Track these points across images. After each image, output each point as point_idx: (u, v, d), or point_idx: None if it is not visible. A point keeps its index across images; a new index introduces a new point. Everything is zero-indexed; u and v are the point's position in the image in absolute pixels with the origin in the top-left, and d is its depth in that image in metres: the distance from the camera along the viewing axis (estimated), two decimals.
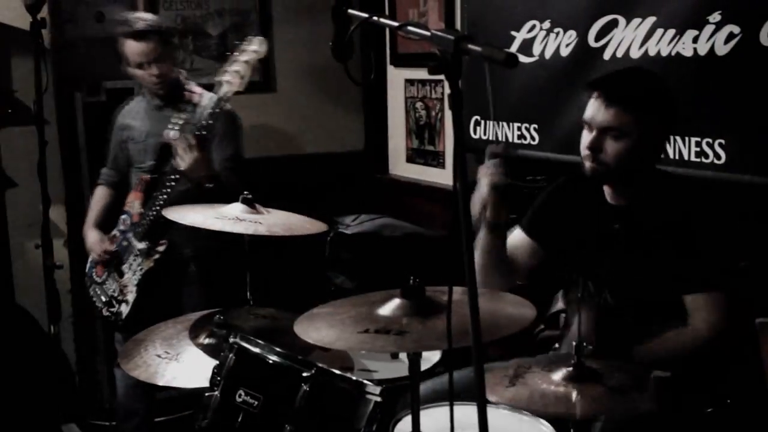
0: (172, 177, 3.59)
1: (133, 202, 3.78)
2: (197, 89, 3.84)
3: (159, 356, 2.83)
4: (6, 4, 4.23)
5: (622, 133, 2.52)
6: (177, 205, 3.43)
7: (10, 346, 3.91)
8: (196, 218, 2.92)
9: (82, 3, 4.50)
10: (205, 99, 3.69)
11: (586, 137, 2.58)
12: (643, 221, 2.61)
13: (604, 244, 2.68)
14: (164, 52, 3.75)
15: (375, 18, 2.00)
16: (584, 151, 2.59)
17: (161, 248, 3.71)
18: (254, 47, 3.50)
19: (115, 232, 3.85)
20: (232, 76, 3.48)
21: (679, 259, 2.54)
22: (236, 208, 3.00)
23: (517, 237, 2.96)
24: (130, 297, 3.73)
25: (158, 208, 3.60)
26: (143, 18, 3.77)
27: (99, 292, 3.85)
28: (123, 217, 3.82)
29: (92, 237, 3.90)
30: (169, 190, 3.61)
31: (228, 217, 2.93)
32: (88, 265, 3.96)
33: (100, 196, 4.01)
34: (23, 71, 4.20)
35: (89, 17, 4.52)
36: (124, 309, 3.74)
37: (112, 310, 3.79)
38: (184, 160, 3.51)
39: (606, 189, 2.70)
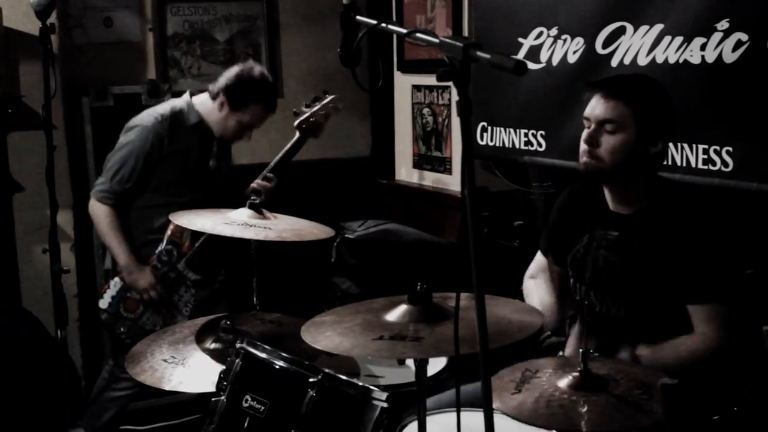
0: None
1: (183, 233, 3.67)
2: None
3: (165, 361, 2.83)
4: (15, 10, 4.25)
5: (619, 126, 2.54)
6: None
7: (16, 351, 3.91)
8: (205, 224, 2.92)
9: (90, 8, 4.52)
10: None
11: (585, 133, 2.61)
12: (645, 229, 2.61)
13: (606, 251, 2.68)
14: None
15: (383, 24, 2.01)
16: (581, 146, 2.61)
17: (222, 278, 3.73)
18: (334, 104, 3.76)
19: (156, 264, 3.71)
20: (311, 126, 3.81)
21: (682, 268, 2.54)
22: (244, 214, 3.00)
23: (540, 260, 2.99)
24: None
25: (207, 238, 3.62)
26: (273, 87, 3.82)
27: (132, 328, 3.69)
28: (166, 248, 3.70)
29: (147, 279, 3.66)
30: None
31: (237, 223, 2.93)
32: (108, 300, 3.73)
33: (117, 221, 3.71)
34: (31, 76, 4.21)
35: (98, 22, 4.54)
36: None
37: None
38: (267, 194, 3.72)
39: (608, 196, 2.70)
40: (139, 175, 3.69)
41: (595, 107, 2.57)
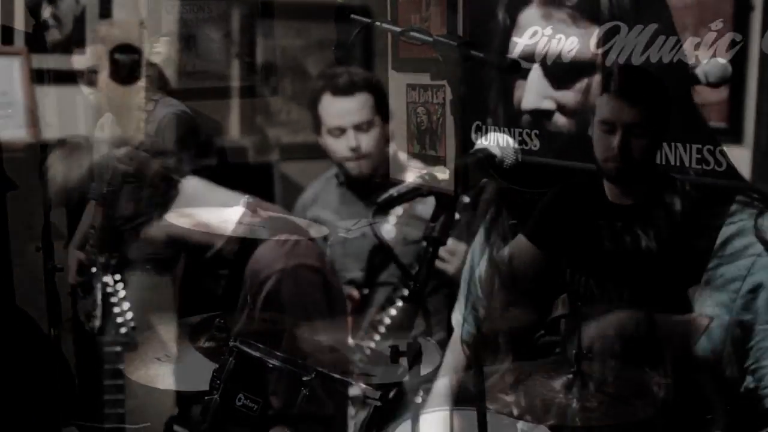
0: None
1: None
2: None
3: (159, 359, 2.83)
4: (8, 7, 4.24)
5: (646, 129, 2.55)
6: None
7: (10, 349, 3.90)
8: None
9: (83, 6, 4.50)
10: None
11: (608, 138, 2.59)
12: (648, 219, 2.62)
13: (611, 244, 2.69)
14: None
15: (378, 23, 2.00)
16: (609, 152, 2.60)
17: None
18: (159, 49, 3.60)
19: None
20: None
21: (685, 253, 2.56)
22: (238, 212, 2.99)
23: (519, 245, 2.98)
24: None
25: None
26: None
27: None
28: None
29: None
30: None
31: (230, 221, 2.93)
32: None
33: None
34: None
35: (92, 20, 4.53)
36: None
37: None
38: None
39: (609, 189, 2.72)
40: None
41: (620, 113, 2.56)
